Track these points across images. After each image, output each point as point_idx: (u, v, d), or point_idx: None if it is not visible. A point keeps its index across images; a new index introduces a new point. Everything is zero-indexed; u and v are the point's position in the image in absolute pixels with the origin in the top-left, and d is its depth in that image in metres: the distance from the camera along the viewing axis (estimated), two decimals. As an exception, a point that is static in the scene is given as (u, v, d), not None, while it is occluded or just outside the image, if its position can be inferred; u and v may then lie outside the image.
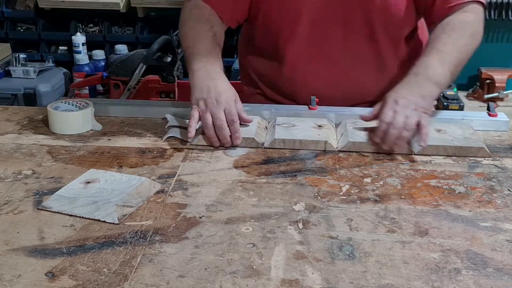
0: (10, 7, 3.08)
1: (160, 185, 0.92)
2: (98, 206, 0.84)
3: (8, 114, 1.25)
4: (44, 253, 0.74)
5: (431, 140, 1.07)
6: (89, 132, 1.15)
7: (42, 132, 1.15)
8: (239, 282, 0.69)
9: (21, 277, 0.69)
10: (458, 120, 1.18)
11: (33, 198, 0.88)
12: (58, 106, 1.17)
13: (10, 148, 1.07)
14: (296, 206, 0.87)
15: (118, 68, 2.67)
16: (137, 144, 1.09)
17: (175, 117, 1.20)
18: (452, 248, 0.76)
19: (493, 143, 1.11)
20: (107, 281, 0.69)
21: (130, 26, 3.13)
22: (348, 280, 0.69)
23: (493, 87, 2.51)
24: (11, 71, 2.76)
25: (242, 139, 1.07)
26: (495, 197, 0.90)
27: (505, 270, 0.72)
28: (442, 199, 0.89)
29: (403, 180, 0.96)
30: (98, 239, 0.78)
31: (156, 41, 2.63)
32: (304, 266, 0.72)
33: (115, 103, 1.30)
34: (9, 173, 0.97)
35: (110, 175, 0.93)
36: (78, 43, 2.94)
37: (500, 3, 2.50)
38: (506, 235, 0.80)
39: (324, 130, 1.12)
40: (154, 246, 0.76)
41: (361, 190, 0.92)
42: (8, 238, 0.77)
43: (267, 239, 0.78)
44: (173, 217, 0.83)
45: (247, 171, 0.98)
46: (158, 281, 0.69)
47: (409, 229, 0.81)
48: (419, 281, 0.69)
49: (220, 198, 0.89)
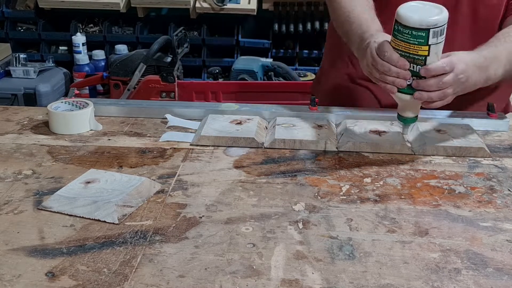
0: (10, 7, 3.08)
1: (160, 185, 0.92)
2: (98, 206, 0.84)
3: (8, 114, 1.25)
4: (44, 253, 0.74)
5: (431, 140, 1.07)
6: (89, 132, 1.15)
7: (42, 132, 1.15)
8: (239, 282, 0.69)
9: (21, 277, 0.69)
10: (458, 120, 1.18)
11: (33, 198, 0.88)
12: (58, 106, 1.17)
13: (10, 148, 1.07)
14: (296, 206, 0.87)
15: (118, 68, 2.67)
16: (137, 144, 1.09)
17: (175, 117, 1.20)
18: (452, 248, 0.76)
19: (493, 143, 1.11)
20: (107, 281, 0.69)
21: (130, 26, 3.13)
22: (348, 280, 0.69)
23: (493, 87, 2.51)
24: (11, 71, 2.76)
25: (242, 139, 1.07)
26: (495, 197, 0.90)
27: (505, 270, 0.72)
28: (442, 199, 0.89)
29: (403, 180, 0.96)
30: (98, 239, 0.78)
31: (156, 41, 2.63)
32: (304, 266, 0.72)
33: (115, 103, 1.30)
34: (9, 173, 0.97)
35: (110, 175, 0.93)
36: (78, 43, 2.94)
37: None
38: (506, 235, 0.80)
39: (324, 130, 1.12)
40: (154, 246, 0.76)
41: (361, 190, 0.92)
42: (8, 238, 0.78)
43: (267, 239, 0.78)
44: (173, 217, 0.83)
45: (247, 171, 0.98)
46: (158, 281, 0.69)
47: (409, 229, 0.81)
48: (419, 281, 0.69)
49: (220, 198, 0.89)
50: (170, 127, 1.17)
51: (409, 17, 0.91)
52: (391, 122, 1.14)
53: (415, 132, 1.11)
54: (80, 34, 2.97)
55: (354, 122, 1.14)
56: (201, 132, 1.10)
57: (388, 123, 1.14)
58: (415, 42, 0.92)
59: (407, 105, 1.01)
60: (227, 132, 1.10)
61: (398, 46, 0.94)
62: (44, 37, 3.09)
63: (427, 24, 0.90)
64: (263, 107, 1.23)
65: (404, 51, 0.94)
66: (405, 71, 0.95)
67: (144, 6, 2.98)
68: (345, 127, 1.13)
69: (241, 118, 1.17)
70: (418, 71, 0.95)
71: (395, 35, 0.94)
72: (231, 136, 1.08)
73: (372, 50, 0.99)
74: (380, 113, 1.21)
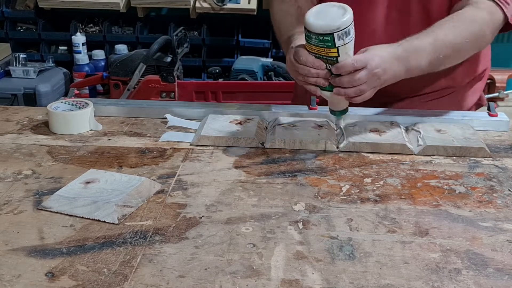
0: (10, 7, 3.08)
1: (160, 185, 0.92)
2: (98, 206, 0.84)
3: (8, 114, 1.25)
4: (44, 253, 0.74)
5: (431, 140, 1.07)
6: (89, 132, 1.15)
7: (42, 132, 1.15)
8: (239, 282, 0.69)
9: (21, 277, 0.69)
10: (458, 120, 1.18)
11: (33, 198, 0.88)
12: (58, 106, 1.17)
13: (10, 148, 1.07)
14: (296, 206, 0.87)
15: (118, 68, 2.67)
16: (137, 144, 1.09)
17: (175, 117, 1.20)
18: (452, 248, 0.76)
19: (493, 143, 1.11)
20: (107, 281, 0.69)
21: (130, 26, 3.13)
22: (348, 280, 0.69)
23: (493, 87, 2.51)
24: (11, 71, 2.76)
25: (242, 139, 1.07)
26: (495, 197, 0.90)
27: (505, 270, 0.72)
28: (442, 199, 0.89)
29: (403, 180, 0.95)
30: (98, 239, 0.77)
31: (156, 41, 2.63)
32: (304, 266, 0.72)
33: (115, 103, 1.30)
34: (9, 173, 0.97)
35: (110, 175, 0.93)
36: (78, 43, 2.94)
37: (500, 3, 2.50)
38: (506, 235, 0.80)
39: (324, 130, 1.12)
40: (154, 246, 0.76)
41: (361, 190, 0.92)
42: (8, 238, 0.77)
43: (267, 239, 0.78)
44: (173, 217, 0.83)
45: (247, 171, 0.98)
46: (158, 281, 0.69)
47: (409, 229, 0.81)
48: (419, 281, 0.69)
49: (220, 198, 0.89)
50: (170, 127, 1.17)
51: (314, 23, 0.95)
52: (391, 122, 1.14)
53: (416, 132, 1.11)
54: (80, 34, 2.97)
55: (354, 122, 1.14)
56: (201, 132, 1.10)
57: (388, 123, 1.14)
58: (324, 46, 0.96)
59: (333, 100, 1.06)
60: (227, 132, 1.10)
61: (312, 49, 0.99)
62: (44, 37, 3.09)
63: (330, 29, 0.94)
64: (263, 107, 1.23)
65: (317, 54, 0.99)
66: (323, 71, 1.00)
67: (144, 6, 2.97)
68: (345, 127, 1.13)
69: (241, 118, 1.17)
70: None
71: (307, 40, 0.99)
72: (231, 136, 1.08)
73: (291, 56, 1.04)
74: (380, 113, 1.21)
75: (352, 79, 0.99)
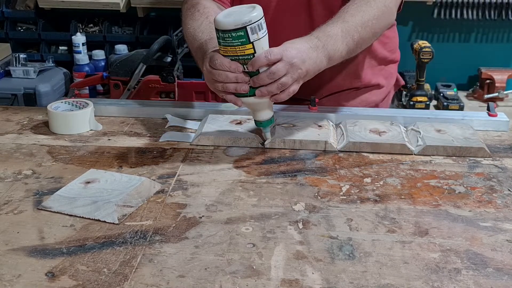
0: (10, 7, 3.08)
1: (160, 185, 0.92)
2: (98, 206, 0.84)
3: (8, 114, 1.25)
4: (44, 253, 0.74)
5: (431, 140, 1.07)
6: (89, 132, 1.15)
7: (42, 132, 1.15)
8: (239, 282, 0.69)
9: (21, 277, 0.69)
10: (458, 120, 1.18)
11: (33, 198, 0.88)
12: (58, 106, 1.17)
13: (10, 148, 1.07)
14: (296, 206, 0.87)
15: (118, 68, 2.67)
16: (137, 144, 1.09)
17: (175, 117, 1.20)
18: (452, 248, 0.76)
19: (493, 143, 1.11)
20: (107, 281, 0.69)
21: (130, 26, 3.13)
22: (348, 280, 0.69)
23: (493, 87, 2.51)
24: (11, 71, 2.75)
25: (242, 139, 1.07)
26: (495, 197, 0.90)
27: (505, 270, 0.72)
28: (442, 199, 0.89)
29: (403, 180, 0.96)
30: (98, 239, 0.78)
31: (156, 41, 2.63)
32: (304, 266, 0.72)
33: (115, 103, 1.30)
34: (9, 173, 0.97)
35: (110, 175, 0.93)
36: (78, 43, 2.94)
37: (500, 3, 2.50)
38: (506, 235, 0.80)
39: (324, 130, 1.12)
40: (154, 246, 0.76)
41: (361, 190, 0.92)
42: (8, 238, 0.78)
43: (267, 239, 0.78)
44: (173, 217, 0.83)
45: (247, 171, 0.98)
46: (158, 281, 0.69)
47: (409, 229, 0.81)
48: (419, 281, 0.69)
49: (220, 198, 0.89)
50: (170, 127, 1.17)
51: (225, 20, 0.93)
52: (391, 122, 1.14)
53: (415, 132, 1.11)
54: (80, 34, 2.97)
55: (354, 122, 1.14)
56: (201, 132, 1.10)
57: (388, 123, 1.14)
58: (238, 43, 0.94)
59: (258, 108, 1.03)
60: (227, 132, 1.10)
61: (227, 52, 0.95)
62: (44, 37, 3.08)
63: (242, 23, 0.92)
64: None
65: (233, 55, 0.95)
66: (240, 74, 0.96)
67: (144, 6, 2.97)
68: (345, 127, 1.13)
69: (241, 118, 1.17)
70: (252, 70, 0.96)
71: (220, 43, 0.96)
72: (231, 136, 1.09)
73: (206, 64, 0.99)
74: (380, 113, 1.21)
75: (270, 72, 0.95)
